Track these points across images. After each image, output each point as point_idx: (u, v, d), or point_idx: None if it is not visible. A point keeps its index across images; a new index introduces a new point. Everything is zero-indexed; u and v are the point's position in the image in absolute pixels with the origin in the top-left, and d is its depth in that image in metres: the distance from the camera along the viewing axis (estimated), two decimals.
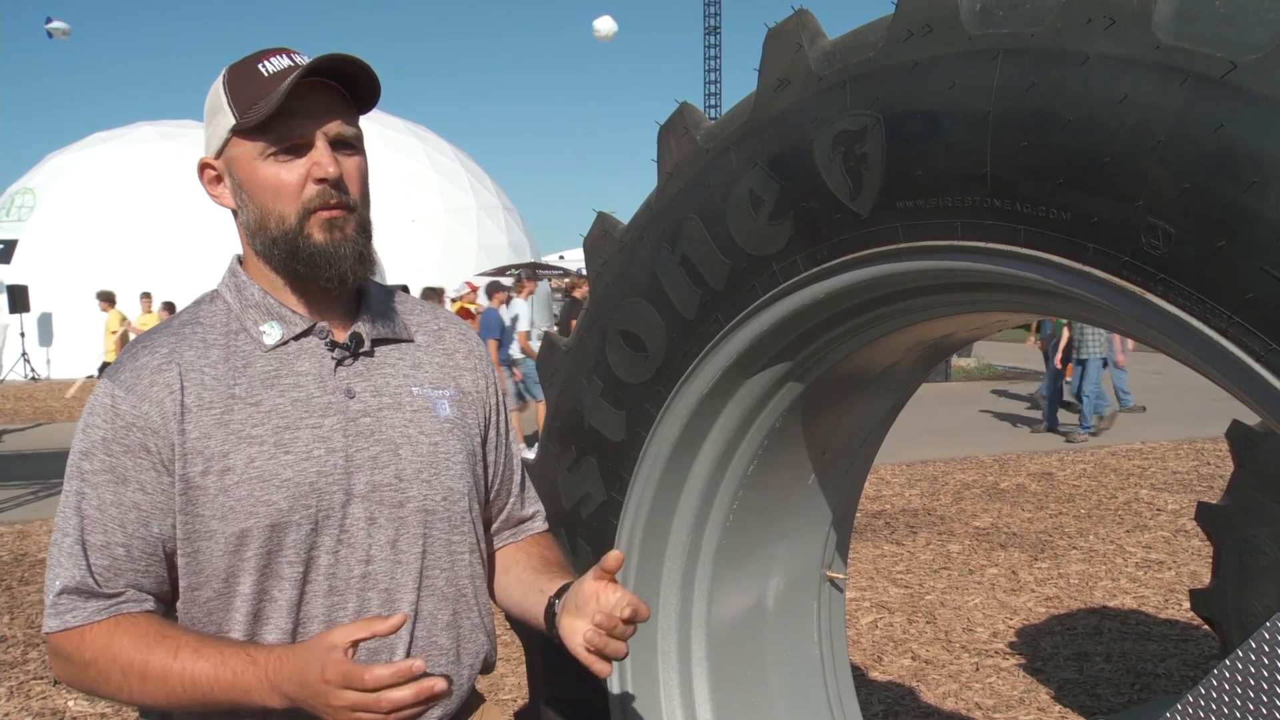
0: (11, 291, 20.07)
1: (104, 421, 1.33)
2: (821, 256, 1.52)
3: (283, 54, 1.38)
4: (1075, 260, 1.23)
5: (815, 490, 2.02)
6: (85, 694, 1.40)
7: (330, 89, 1.37)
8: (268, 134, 1.34)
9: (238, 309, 1.42)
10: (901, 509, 7.86)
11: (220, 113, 1.38)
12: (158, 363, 1.35)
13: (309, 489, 1.35)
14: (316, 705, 1.23)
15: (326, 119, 1.36)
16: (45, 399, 16.80)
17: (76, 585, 1.31)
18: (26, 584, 6.11)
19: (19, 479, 9.73)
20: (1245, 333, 1.09)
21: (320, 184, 1.35)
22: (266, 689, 1.26)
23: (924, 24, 1.35)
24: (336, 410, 1.39)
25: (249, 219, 1.40)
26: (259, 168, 1.36)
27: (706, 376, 1.74)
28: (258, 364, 1.38)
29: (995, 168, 1.27)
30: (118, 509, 1.32)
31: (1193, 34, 1.10)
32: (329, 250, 1.37)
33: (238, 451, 1.33)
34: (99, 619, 1.31)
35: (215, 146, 1.40)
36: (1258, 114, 1.05)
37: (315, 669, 1.22)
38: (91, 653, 1.31)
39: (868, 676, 4.48)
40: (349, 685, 1.19)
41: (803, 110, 1.51)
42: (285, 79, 1.32)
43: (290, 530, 1.34)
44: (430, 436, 1.45)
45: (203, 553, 1.34)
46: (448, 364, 1.54)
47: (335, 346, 1.42)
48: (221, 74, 1.40)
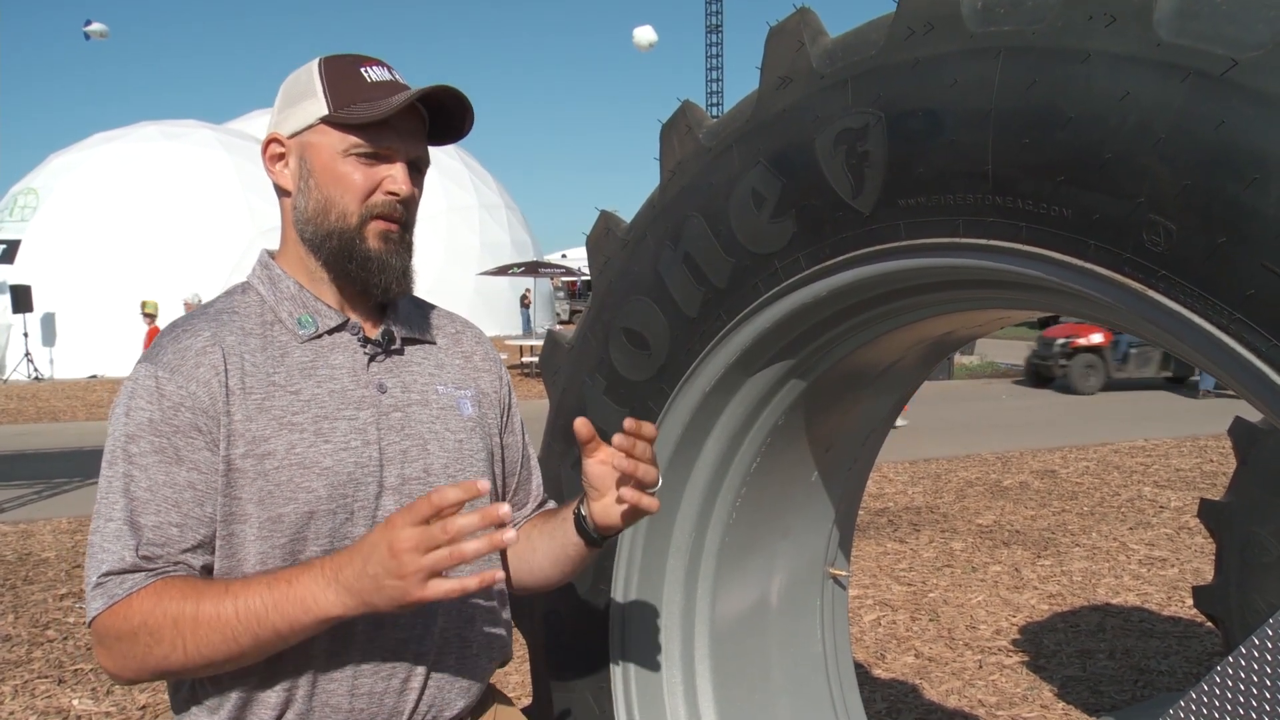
0: (15, 291, 20.09)
1: (149, 403, 1.33)
2: (824, 254, 1.53)
3: (381, 65, 1.45)
4: (1077, 257, 1.23)
5: (818, 488, 2.02)
6: (136, 678, 1.35)
7: (419, 116, 1.44)
8: (361, 135, 1.39)
9: (272, 300, 1.44)
10: (904, 506, 7.86)
11: (311, 98, 1.41)
12: (201, 344, 1.36)
13: (346, 479, 1.37)
14: (379, 569, 1.19)
15: (415, 142, 1.44)
16: (49, 399, 16.81)
17: (123, 566, 1.29)
18: (30, 583, 6.13)
19: (23, 479, 9.75)
20: (1247, 329, 1.09)
21: (389, 196, 1.41)
22: (323, 583, 1.23)
23: (925, 22, 1.36)
24: (370, 404, 1.42)
25: (308, 205, 1.42)
26: (338, 161, 1.40)
27: (709, 374, 1.75)
28: (294, 354, 1.41)
29: (997, 165, 1.28)
30: (171, 489, 1.31)
31: (1194, 31, 1.10)
32: (381, 259, 1.42)
33: (278, 437, 1.34)
34: (146, 585, 1.29)
35: (293, 127, 1.43)
36: (1259, 111, 1.05)
37: (376, 529, 1.22)
38: (140, 615, 1.27)
39: (871, 674, 4.48)
40: (413, 520, 1.18)
41: (805, 108, 1.51)
42: (390, 91, 1.40)
43: (325, 519, 1.35)
44: (456, 434, 1.49)
45: (236, 536, 1.34)
46: (467, 365, 1.58)
47: (368, 342, 1.46)
48: (315, 64, 1.44)
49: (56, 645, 5.05)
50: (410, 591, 1.19)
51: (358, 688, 1.38)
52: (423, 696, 1.43)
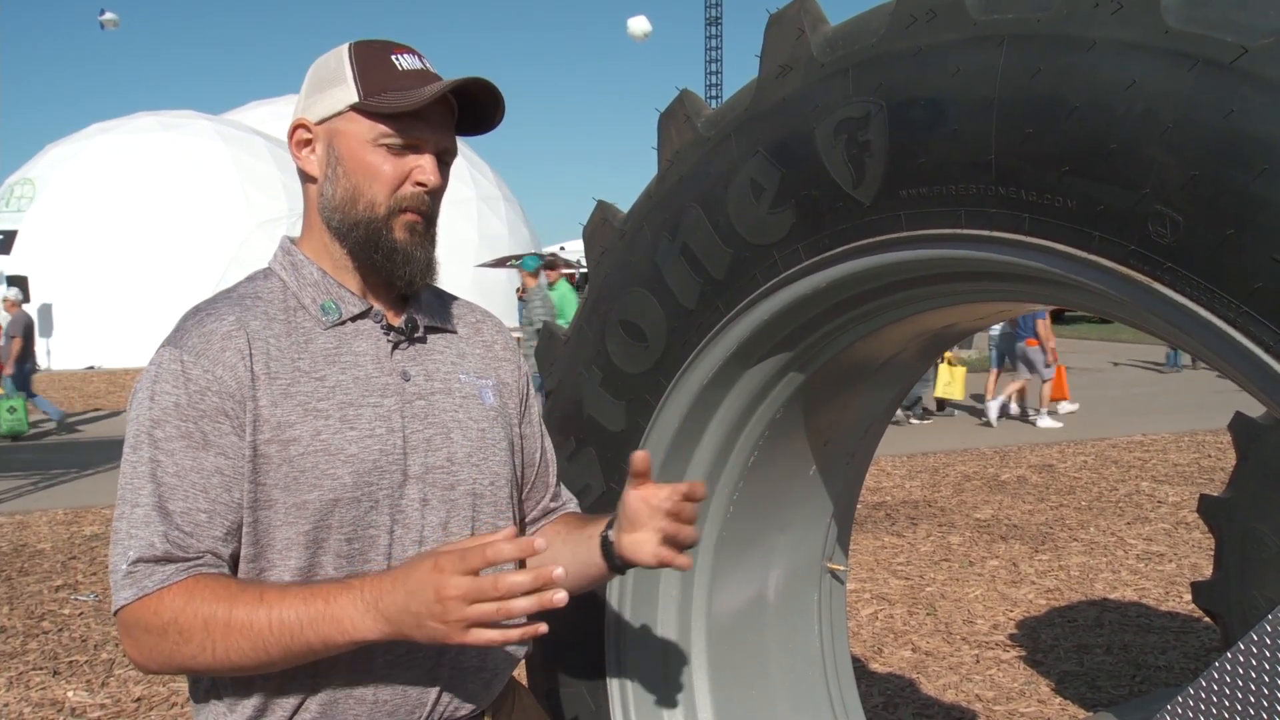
0: (11, 282, 20.06)
1: (175, 388, 1.31)
2: (823, 245, 1.51)
3: (413, 53, 1.43)
4: (1081, 249, 1.21)
5: (816, 482, 2.01)
6: (161, 671, 1.33)
7: (449, 106, 1.42)
8: (392, 125, 1.37)
9: (295, 287, 1.43)
10: (902, 500, 7.85)
11: (340, 85, 1.39)
12: (227, 329, 1.34)
13: (372, 466, 1.35)
14: (422, 609, 1.18)
15: (445, 134, 1.42)
16: (45, 390, 16.78)
17: (154, 554, 1.27)
18: (26, 574, 6.12)
19: (19, 469, 9.74)
20: (1254, 323, 1.07)
21: (418, 188, 1.40)
22: (362, 609, 1.22)
23: (928, 9, 1.34)
24: (394, 392, 1.41)
25: (335, 193, 1.41)
26: (368, 150, 1.38)
27: (707, 367, 1.73)
28: (318, 340, 1.39)
29: (1000, 155, 1.26)
30: (199, 474, 1.30)
31: (1202, 18, 1.08)
32: (407, 250, 1.40)
33: (303, 423, 1.33)
34: (178, 579, 1.27)
35: (321, 114, 1.41)
36: (1268, 100, 1.03)
37: (424, 564, 1.20)
38: (170, 613, 1.25)
39: (868, 668, 4.48)
40: (464, 570, 1.16)
41: (805, 97, 1.49)
42: (421, 80, 1.38)
43: (350, 506, 1.34)
44: (478, 422, 1.48)
45: (262, 522, 1.33)
46: (488, 355, 1.57)
47: (391, 330, 1.45)
48: (345, 50, 1.42)
49: (51, 637, 5.04)
50: (451, 636, 1.19)
51: (382, 679, 1.37)
52: (445, 687, 1.42)
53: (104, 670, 4.60)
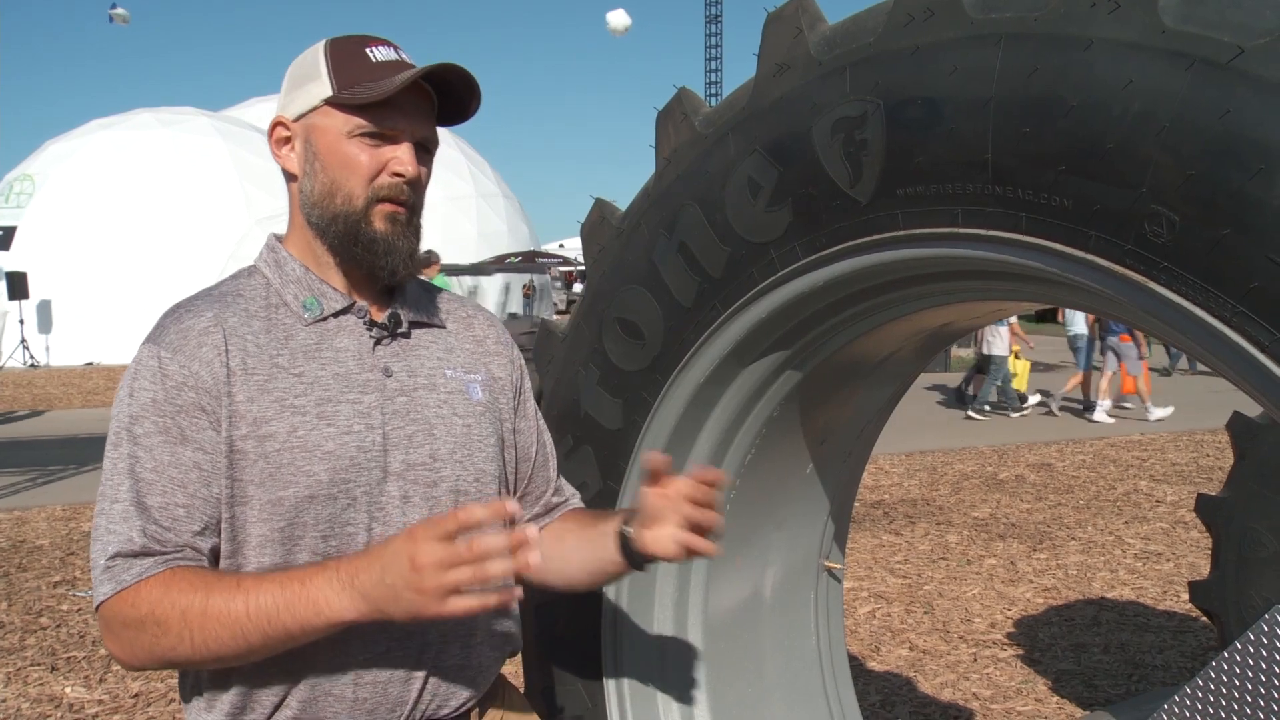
0: (10, 278, 20.04)
1: (152, 384, 1.32)
2: (820, 244, 1.51)
3: (388, 45, 1.42)
4: (1077, 248, 1.21)
5: (813, 480, 2.01)
6: (144, 666, 1.33)
7: (426, 95, 1.42)
8: (365, 115, 1.37)
9: (277, 284, 1.43)
10: (900, 499, 7.86)
11: (315, 81, 1.39)
12: (204, 325, 1.35)
13: (349, 463, 1.35)
14: (398, 580, 1.19)
15: (421, 122, 1.41)
16: (44, 386, 16.78)
17: (132, 548, 1.28)
18: (24, 570, 6.11)
19: (17, 466, 9.73)
20: (1250, 322, 1.08)
21: (396, 178, 1.39)
22: (338, 587, 1.23)
23: (925, 8, 1.34)
24: (374, 388, 1.40)
25: (314, 188, 1.41)
26: (343, 143, 1.38)
27: (704, 365, 1.73)
28: (298, 336, 1.39)
29: (997, 154, 1.26)
30: (177, 469, 1.30)
31: (1199, 18, 1.08)
32: (388, 241, 1.40)
33: (280, 419, 1.33)
34: (155, 572, 1.28)
35: (298, 110, 1.41)
36: (1265, 100, 1.03)
37: (398, 538, 1.21)
38: (148, 605, 1.26)
39: (865, 666, 4.48)
40: (438, 535, 1.17)
41: (802, 96, 1.49)
42: (395, 70, 1.37)
43: (325, 504, 1.34)
44: (464, 418, 1.47)
45: (238, 518, 1.33)
46: (478, 350, 1.56)
47: (374, 325, 1.44)
48: (321, 46, 1.42)
49: (50, 633, 5.04)
50: (428, 606, 1.19)
51: (361, 676, 1.37)
52: (426, 685, 1.42)
53: (102, 666, 4.60)
